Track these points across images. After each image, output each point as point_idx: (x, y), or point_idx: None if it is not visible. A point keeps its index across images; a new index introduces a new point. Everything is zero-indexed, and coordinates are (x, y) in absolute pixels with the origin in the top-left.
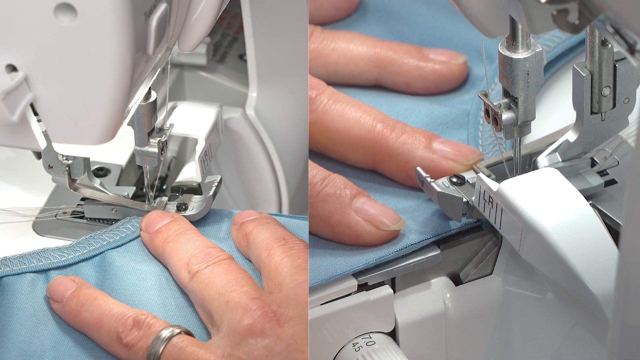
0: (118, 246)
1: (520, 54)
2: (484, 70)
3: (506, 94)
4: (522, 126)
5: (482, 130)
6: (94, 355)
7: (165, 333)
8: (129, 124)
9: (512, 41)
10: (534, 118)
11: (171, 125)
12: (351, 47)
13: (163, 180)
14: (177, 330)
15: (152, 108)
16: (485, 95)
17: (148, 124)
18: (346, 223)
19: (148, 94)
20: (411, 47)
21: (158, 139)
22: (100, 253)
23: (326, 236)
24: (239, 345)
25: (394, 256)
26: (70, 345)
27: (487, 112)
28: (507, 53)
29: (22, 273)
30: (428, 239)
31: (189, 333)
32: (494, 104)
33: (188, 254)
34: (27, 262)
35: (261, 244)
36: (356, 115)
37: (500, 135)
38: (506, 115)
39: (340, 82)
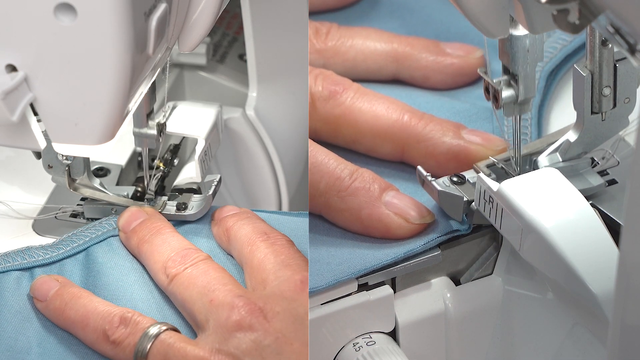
0: (100, 241)
1: (521, 31)
2: (484, 52)
3: (506, 71)
4: (522, 103)
5: (507, 125)
6: (79, 352)
7: (153, 330)
8: None
9: (512, 18)
10: (534, 95)
11: (170, 107)
12: (368, 44)
13: (162, 179)
14: (165, 327)
15: (151, 90)
16: (485, 72)
17: (146, 106)
18: (376, 217)
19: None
20: (428, 41)
21: (157, 120)
22: (84, 250)
23: (356, 230)
24: (227, 340)
25: (423, 248)
26: (55, 342)
27: (486, 89)
28: None
29: (7, 271)
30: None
31: (175, 330)
32: (494, 81)
33: (164, 256)
34: (11, 260)
35: (243, 239)
36: (384, 106)
37: (525, 130)
38: (506, 93)
39: (359, 78)
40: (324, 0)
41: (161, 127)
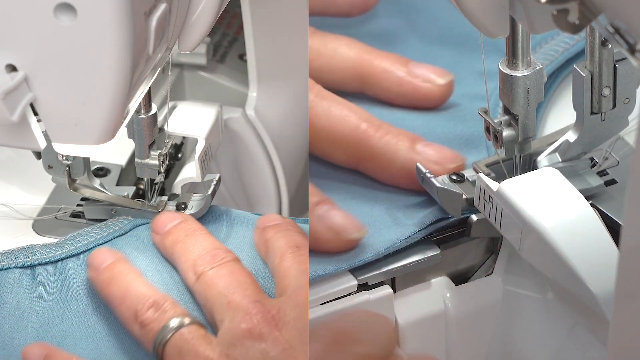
0: (105, 242)
1: (521, 72)
2: (485, 89)
3: (506, 111)
4: (523, 143)
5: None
6: (75, 350)
7: (174, 322)
8: (129, 137)
9: (512, 59)
10: (535, 135)
11: (171, 138)
12: (337, 56)
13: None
14: (188, 321)
15: (153, 121)
16: (486, 112)
17: (148, 137)
18: (309, 230)
19: (148, 107)
20: (398, 59)
21: (159, 151)
22: (88, 250)
23: None
24: (235, 346)
25: (385, 253)
26: (52, 341)
27: (487, 129)
28: (508, 71)
29: (9, 268)
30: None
31: (200, 325)
32: (494, 121)
33: (195, 255)
34: (14, 257)
35: (276, 252)
36: (342, 113)
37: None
38: (506, 133)
39: (327, 88)
40: (333, 10)
41: (163, 158)
